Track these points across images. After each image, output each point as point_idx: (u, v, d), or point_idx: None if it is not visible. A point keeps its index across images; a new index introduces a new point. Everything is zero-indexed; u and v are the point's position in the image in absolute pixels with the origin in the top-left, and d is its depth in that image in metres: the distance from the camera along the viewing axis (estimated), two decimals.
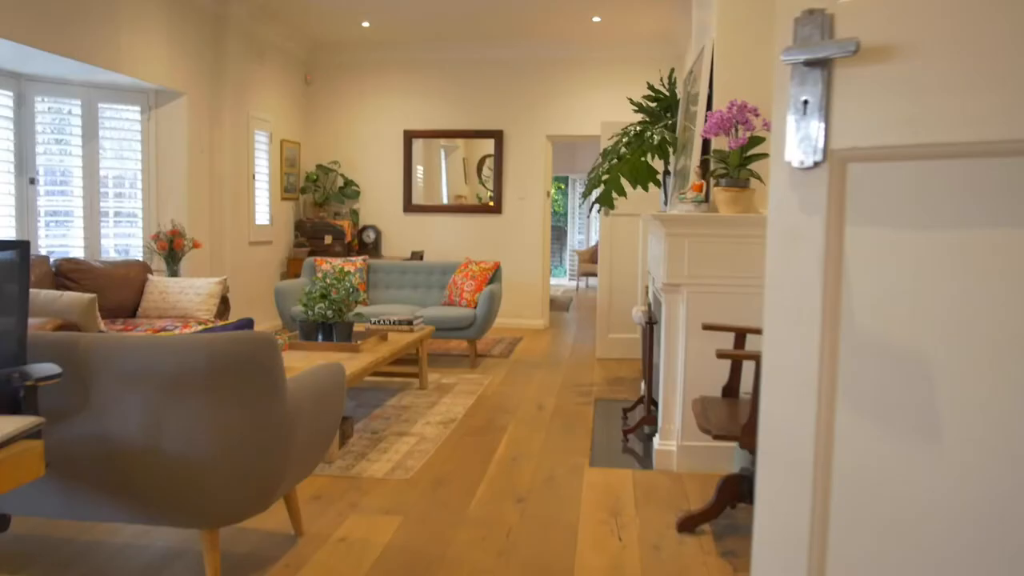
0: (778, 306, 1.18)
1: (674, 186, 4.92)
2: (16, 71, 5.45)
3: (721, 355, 2.74)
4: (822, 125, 1.11)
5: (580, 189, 15.73)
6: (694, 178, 3.78)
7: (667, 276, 3.68)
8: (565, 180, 15.89)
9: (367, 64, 8.67)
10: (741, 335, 3.25)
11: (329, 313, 4.68)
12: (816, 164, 1.11)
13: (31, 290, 4.22)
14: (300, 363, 4.12)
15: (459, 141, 8.79)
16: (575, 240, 16.00)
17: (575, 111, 8.44)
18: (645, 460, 3.97)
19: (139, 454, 2.27)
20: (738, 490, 3.02)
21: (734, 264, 3.62)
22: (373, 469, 3.73)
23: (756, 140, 3.54)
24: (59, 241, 5.88)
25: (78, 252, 5.94)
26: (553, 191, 13.11)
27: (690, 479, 3.65)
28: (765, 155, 3.57)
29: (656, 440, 3.87)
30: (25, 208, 5.60)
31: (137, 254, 6.25)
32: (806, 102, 1.13)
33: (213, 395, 2.24)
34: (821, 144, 1.11)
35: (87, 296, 4.11)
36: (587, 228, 15.75)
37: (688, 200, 3.72)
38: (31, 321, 3.95)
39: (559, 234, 15.86)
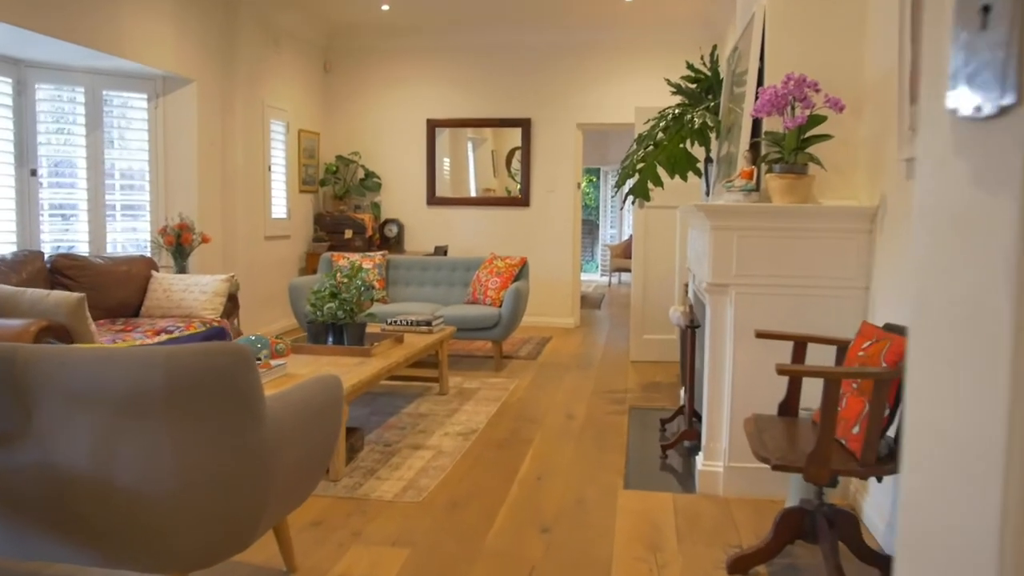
0: (939, 319, 0.76)
1: (717, 174, 4.48)
2: (15, 56, 5.16)
3: (783, 372, 2.31)
4: (1016, 45, 0.68)
5: (612, 180, 15.25)
6: (743, 164, 3.34)
7: (712, 275, 3.25)
8: (596, 172, 15.42)
9: (388, 50, 8.30)
10: (801, 345, 2.81)
11: (340, 314, 4.32)
12: (1005, 110, 0.69)
13: (16, 289, 3.91)
14: (305, 368, 3.77)
15: (487, 133, 8.39)
16: (607, 234, 15.53)
17: (607, 98, 7.99)
18: (686, 481, 3.55)
19: (90, 487, 1.91)
20: (800, 526, 2.59)
21: (789, 262, 3.18)
22: (382, 489, 3.36)
23: (816, 119, 3.09)
24: (62, 236, 5.59)
25: (83, 247, 5.65)
26: (584, 183, 12.68)
27: (739, 506, 3.22)
28: (826, 136, 3.12)
29: (699, 459, 3.45)
30: (26, 201, 5.32)
31: (145, 249, 5.95)
32: (986, 8, 0.70)
33: (174, 419, 1.87)
34: (1013, 76, 0.68)
35: (75, 295, 3.78)
36: (619, 221, 15.28)
37: (736, 189, 3.29)
38: (13, 323, 3.63)
39: (590, 228, 15.41)
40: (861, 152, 3.30)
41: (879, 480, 2.51)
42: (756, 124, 3.43)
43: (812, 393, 3.02)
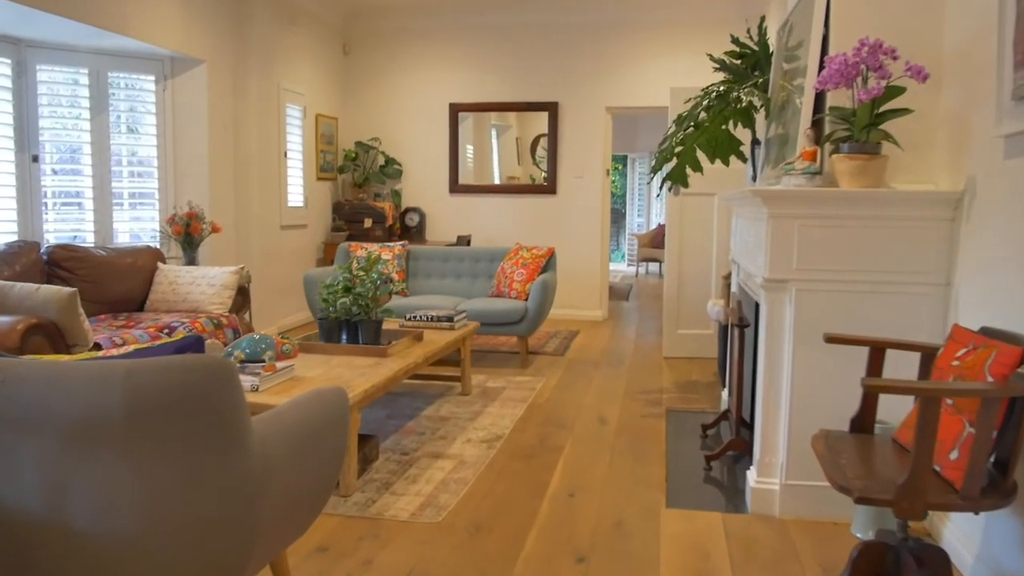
0: None
1: (765, 158, 4.09)
2: (15, 36, 4.86)
3: (873, 387, 1.93)
4: None
5: (640, 169, 14.81)
6: (804, 143, 2.94)
7: (769, 269, 2.86)
8: (623, 160, 14.97)
9: (409, 31, 7.94)
10: (878, 351, 2.43)
11: (354, 309, 3.99)
12: None
13: (3, 283, 3.62)
14: (315, 370, 3.44)
15: (511, 119, 8.01)
16: (634, 223, 15.10)
17: (638, 80, 7.58)
18: (736, 498, 3.18)
19: (40, 528, 1.59)
20: (881, 564, 2.21)
21: (858, 254, 2.79)
22: (397, 507, 3.03)
23: (894, 91, 2.69)
24: (67, 226, 5.31)
25: (89, 238, 5.37)
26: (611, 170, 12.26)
27: (799, 530, 2.85)
28: (905, 111, 2.73)
29: (752, 475, 3.08)
30: (27, 189, 5.04)
31: (155, 240, 5.66)
32: None
33: (135, 449, 1.54)
34: None
35: (66, 290, 3.49)
36: (647, 210, 14.84)
37: (797, 172, 2.90)
38: (1, 320, 3.34)
39: (616, 217, 14.99)
40: (939, 129, 2.89)
41: (976, 512, 2.13)
42: (819, 98, 3.04)
43: (889, 405, 2.64)
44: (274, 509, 1.81)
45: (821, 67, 2.94)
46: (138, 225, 5.72)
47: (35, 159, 5.08)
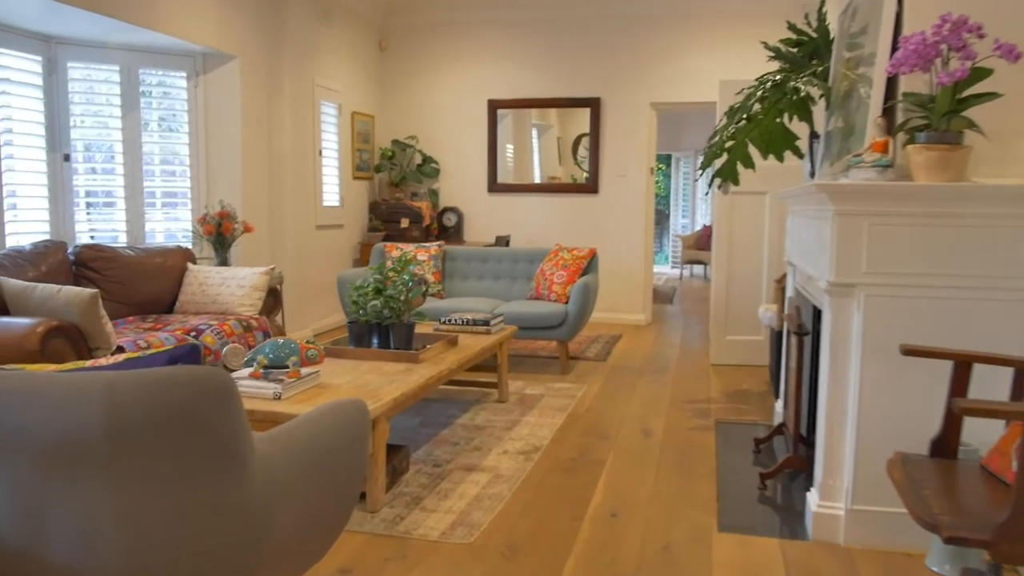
0: None
1: (824, 153, 3.80)
2: (45, 32, 4.79)
3: (969, 411, 1.66)
4: None
5: (685, 169, 14.46)
6: (874, 133, 2.67)
7: (834, 272, 2.60)
8: (667, 159, 14.63)
9: (446, 26, 7.76)
10: (964, 365, 2.15)
11: (385, 312, 3.80)
12: None
13: (26, 284, 3.50)
14: (342, 377, 3.26)
15: (553, 118, 7.78)
16: (678, 224, 14.74)
17: (685, 74, 7.29)
18: (794, 522, 2.91)
19: (15, 560, 1.42)
20: None
21: (937, 256, 2.51)
22: (427, 525, 2.82)
23: (980, 73, 2.41)
24: (99, 225, 5.23)
25: (120, 237, 5.29)
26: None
27: (866, 560, 2.57)
28: (992, 95, 2.44)
29: (813, 498, 2.80)
30: (59, 188, 4.96)
31: (188, 240, 5.56)
32: None
33: (119, 474, 1.35)
34: None
35: (88, 291, 3.35)
36: (691, 211, 14.47)
37: (866, 165, 2.62)
38: (19, 323, 3.22)
39: (660, 217, 14.64)
40: None
41: None
42: (891, 84, 2.76)
43: (973, 425, 2.35)
44: (281, 538, 1.61)
45: (893, 50, 2.66)
46: (175, 225, 5.62)
47: (66, 158, 5.00)
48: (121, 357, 1.58)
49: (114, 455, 1.34)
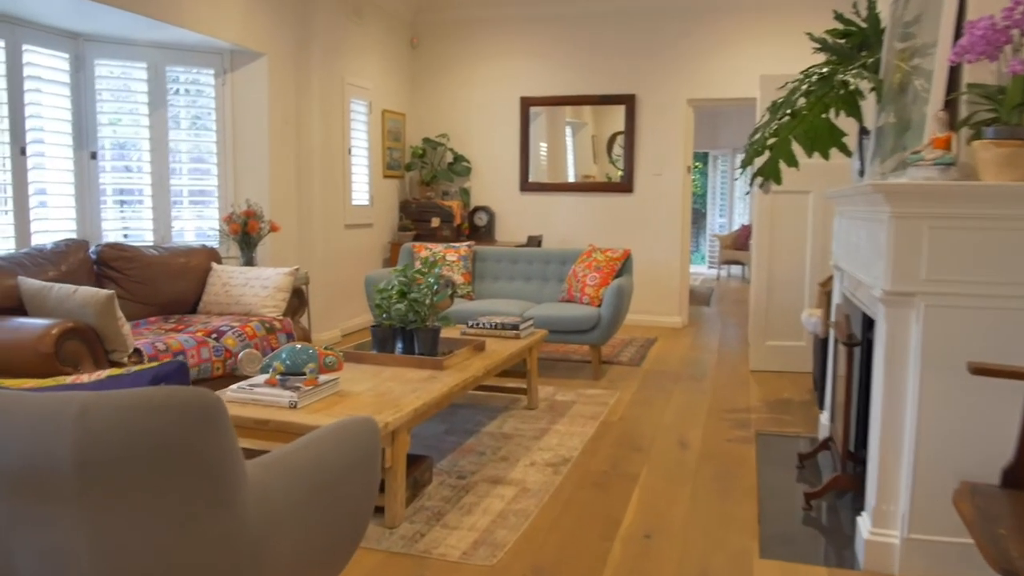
0: None
1: (875, 150, 3.57)
2: (72, 30, 4.73)
3: None
4: None
5: (722, 167, 14.14)
6: (934, 128, 2.45)
7: (891, 280, 2.38)
8: (704, 157, 14.33)
9: (478, 23, 7.61)
10: None
11: (410, 316, 3.66)
12: None
13: (43, 284, 3.42)
14: (362, 384, 3.12)
15: (587, 116, 7.58)
16: (715, 223, 14.44)
17: (723, 69, 7.05)
18: (842, 546, 2.70)
19: None
20: None
21: (1007, 263, 2.29)
22: (448, 543, 2.67)
23: None
24: (126, 224, 5.17)
25: (147, 236, 5.22)
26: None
27: None
28: None
29: (864, 523, 2.59)
30: (85, 186, 4.91)
31: (215, 239, 5.48)
32: None
33: (93, 505, 1.21)
34: None
35: (104, 292, 3.26)
36: (729, 210, 14.16)
37: (926, 162, 2.40)
38: (34, 324, 3.14)
39: (696, 217, 14.34)
40: None
41: None
42: (953, 74, 2.54)
43: None
44: (279, 569, 1.46)
45: (957, 37, 2.44)
46: (204, 223, 5.54)
47: (93, 156, 4.95)
48: (104, 374, 1.45)
49: (84, 487, 1.20)
